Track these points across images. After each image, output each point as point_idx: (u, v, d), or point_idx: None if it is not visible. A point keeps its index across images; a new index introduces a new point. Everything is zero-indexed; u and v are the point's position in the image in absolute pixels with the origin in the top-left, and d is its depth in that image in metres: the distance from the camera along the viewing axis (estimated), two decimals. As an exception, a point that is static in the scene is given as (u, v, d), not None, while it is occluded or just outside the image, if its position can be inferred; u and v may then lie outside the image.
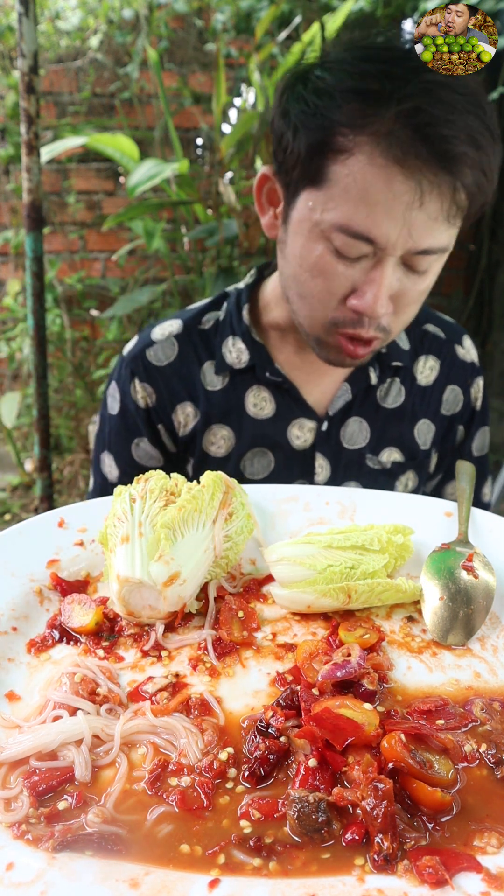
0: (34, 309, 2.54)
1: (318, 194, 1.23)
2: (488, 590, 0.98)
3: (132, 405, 1.55)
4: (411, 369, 1.59)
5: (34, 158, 2.40)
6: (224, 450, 1.54)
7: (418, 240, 1.20)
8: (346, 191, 1.18)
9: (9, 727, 0.82)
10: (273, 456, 1.53)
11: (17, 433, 4.98)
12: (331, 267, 1.26)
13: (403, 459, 1.59)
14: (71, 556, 1.09)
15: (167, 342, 1.55)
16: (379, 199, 1.16)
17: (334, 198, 1.20)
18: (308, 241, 1.28)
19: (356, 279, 1.25)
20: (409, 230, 1.18)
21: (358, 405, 1.54)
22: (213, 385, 1.53)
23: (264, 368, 1.51)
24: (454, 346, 1.64)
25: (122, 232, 4.66)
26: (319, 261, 1.26)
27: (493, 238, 4.58)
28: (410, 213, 1.16)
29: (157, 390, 1.54)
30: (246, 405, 1.53)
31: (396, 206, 1.16)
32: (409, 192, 1.15)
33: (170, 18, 4.33)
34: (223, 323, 1.56)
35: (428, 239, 1.20)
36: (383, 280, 1.23)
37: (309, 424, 1.52)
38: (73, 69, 4.50)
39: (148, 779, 0.75)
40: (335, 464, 1.53)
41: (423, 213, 1.17)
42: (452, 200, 1.18)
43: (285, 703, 0.83)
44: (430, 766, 0.72)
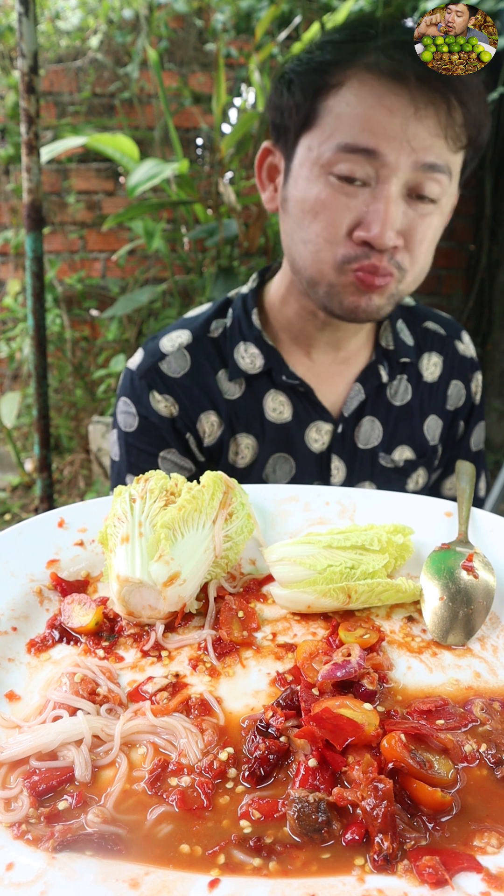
0: (34, 309, 2.54)
1: (315, 132, 1.28)
2: (488, 590, 0.98)
3: (155, 416, 1.49)
4: (417, 366, 1.60)
5: (34, 158, 2.40)
6: (249, 459, 1.52)
7: (421, 153, 1.21)
8: (340, 117, 1.24)
9: (9, 727, 0.82)
10: (294, 461, 1.52)
11: (17, 433, 4.98)
12: (332, 201, 1.26)
13: (415, 457, 1.60)
14: (71, 556, 1.09)
15: (179, 354, 1.51)
16: (374, 114, 1.21)
17: (331, 127, 1.25)
18: (308, 183, 1.30)
19: (360, 211, 1.26)
20: (409, 143, 1.20)
21: (371, 404, 1.55)
22: (231, 394, 1.51)
23: (280, 372, 1.50)
24: (454, 341, 1.66)
25: (122, 232, 4.66)
26: (320, 197, 1.28)
27: (493, 238, 4.58)
28: (408, 126, 1.20)
29: (178, 400, 1.49)
30: (265, 410, 1.51)
31: (393, 119, 1.20)
32: (403, 105, 1.20)
33: (170, 18, 4.33)
34: (231, 329, 1.54)
35: (431, 153, 1.22)
36: (388, 205, 1.23)
37: (326, 427, 1.52)
38: (73, 69, 4.50)
39: (148, 779, 0.75)
40: (350, 465, 1.54)
41: (421, 126, 1.20)
42: (449, 116, 1.21)
43: (285, 703, 0.83)
44: (430, 766, 0.72)
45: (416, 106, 1.20)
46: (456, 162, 1.29)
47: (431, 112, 1.21)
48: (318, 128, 1.28)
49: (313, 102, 1.28)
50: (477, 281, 4.67)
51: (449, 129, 1.23)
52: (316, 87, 1.27)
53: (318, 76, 1.27)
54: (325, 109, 1.26)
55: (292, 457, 1.52)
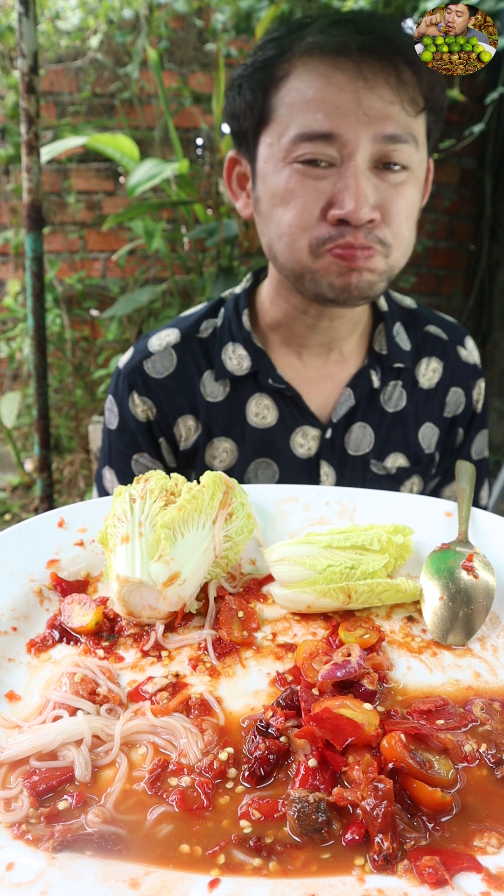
0: (34, 309, 2.54)
1: (272, 128, 1.29)
2: (488, 590, 0.98)
3: (132, 420, 1.52)
4: (413, 371, 1.57)
5: (34, 158, 2.40)
6: (226, 463, 1.51)
7: (379, 124, 1.21)
8: (292, 107, 1.25)
9: (9, 727, 0.82)
10: (277, 467, 1.50)
11: (17, 433, 4.98)
12: (300, 186, 1.26)
13: (409, 465, 1.56)
14: (71, 556, 1.09)
15: (165, 353, 1.52)
16: (325, 95, 1.21)
17: (286, 119, 1.26)
18: (274, 176, 1.30)
19: (330, 191, 1.25)
20: (365, 116, 1.20)
21: (362, 410, 1.52)
22: (213, 396, 1.50)
23: (267, 375, 1.48)
24: (456, 347, 1.62)
25: (122, 232, 4.66)
26: (288, 185, 1.28)
27: (493, 238, 4.58)
28: (361, 99, 1.20)
29: (157, 403, 1.51)
30: (247, 415, 1.50)
31: (344, 96, 1.20)
32: (350, 79, 1.20)
33: (170, 18, 4.33)
34: (221, 329, 1.53)
35: (390, 123, 1.22)
36: (358, 179, 1.22)
37: (313, 432, 1.50)
38: (73, 69, 4.50)
39: (148, 779, 0.75)
40: (340, 471, 1.51)
41: (374, 96, 1.20)
42: (400, 80, 1.21)
43: (285, 703, 0.83)
44: (430, 766, 0.72)
45: (364, 77, 1.20)
46: (418, 127, 1.28)
47: (381, 80, 1.20)
48: (273, 123, 1.29)
49: (264, 99, 1.30)
50: (477, 281, 4.67)
51: (403, 94, 1.22)
52: (264, 85, 1.29)
53: (265, 73, 1.29)
54: (277, 103, 1.28)
55: (275, 462, 1.50)
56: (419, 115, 1.27)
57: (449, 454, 1.65)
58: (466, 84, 4.10)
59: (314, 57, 1.23)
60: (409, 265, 4.69)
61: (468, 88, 4.12)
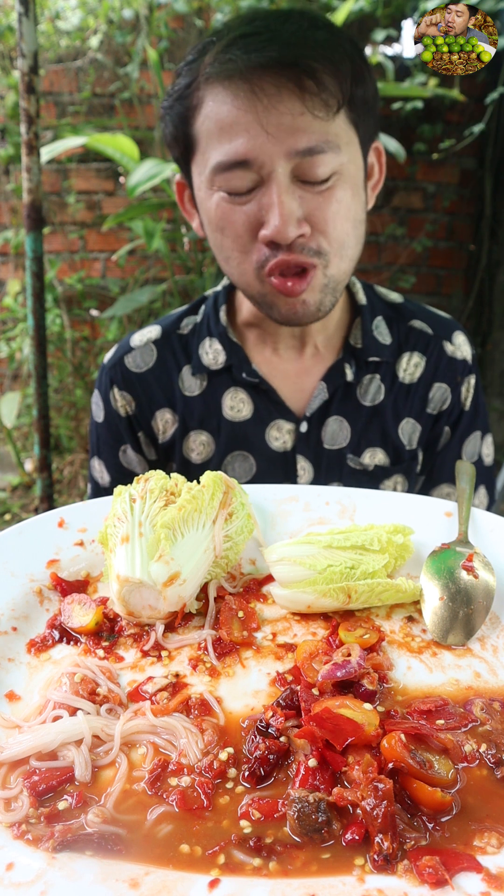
0: (34, 309, 2.54)
1: (197, 157, 1.31)
2: (488, 590, 0.98)
3: (114, 414, 1.56)
4: (393, 365, 1.55)
5: (34, 158, 2.40)
6: (204, 455, 1.53)
7: (290, 140, 1.19)
8: (209, 135, 1.25)
9: (9, 727, 0.82)
10: (254, 459, 1.51)
11: (17, 433, 4.97)
12: (230, 212, 1.27)
13: (389, 462, 1.54)
14: (71, 556, 1.09)
15: (146, 348, 1.56)
16: (232, 121, 1.21)
17: (205, 148, 1.27)
18: (207, 202, 1.31)
19: (256, 213, 1.25)
20: (275, 134, 1.19)
21: (337, 404, 1.51)
22: (190, 391, 1.53)
23: (241, 369, 1.50)
24: (442, 341, 1.58)
25: (122, 232, 4.65)
26: (218, 212, 1.29)
27: (493, 238, 4.58)
28: (267, 119, 1.19)
29: (135, 397, 1.55)
30: (223, 408, 1.52)
31: (248, 118, 1.19)
32: (250, 101, 1.19)
33: (170, 18, 4.32)
34: (200, 325, 1.56)
35: (302, 137, 1.20)
36: (280, 196, 1.21)
37: (287, 426, 1.50)
38: (73, 69, 4.50)
39: (148, 779, 0.75)
40: (317, 465, 1.51)
41: (279, 113, 1.19)
42: (303, 89, 1.19)
43: (285, 703, 0.83)
44: (430, 766, 0.72)
45: (267, 94, 1.18)
46: (338, 129, 1.24)
47: (285, 94, 1.18)
48: (197, 153, 1.30)
49: (185, 130, 1.31)
50: (477, 281, 4.67)
51: (309, 103, 1.19)
52: (183, 116, 1.30)
53: (181, 104, 1.29)
54: (196, 133, 1.29)
55: (252, 455, 1.51)
56: (336, 117, 1.23)
57: (432, 453, 1.60)
58: (466, 84, 4.09)
59: (214, 84, 1.23)
60: (409, 265, 4.69)
61: (468, 88, 4.12)
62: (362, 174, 1.36)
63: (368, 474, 1.53)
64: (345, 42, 1.26)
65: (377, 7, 3.91)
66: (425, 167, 4.48)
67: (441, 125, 4.34)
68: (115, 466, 1.60)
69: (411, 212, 4.62)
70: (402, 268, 4.69)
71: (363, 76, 1.28)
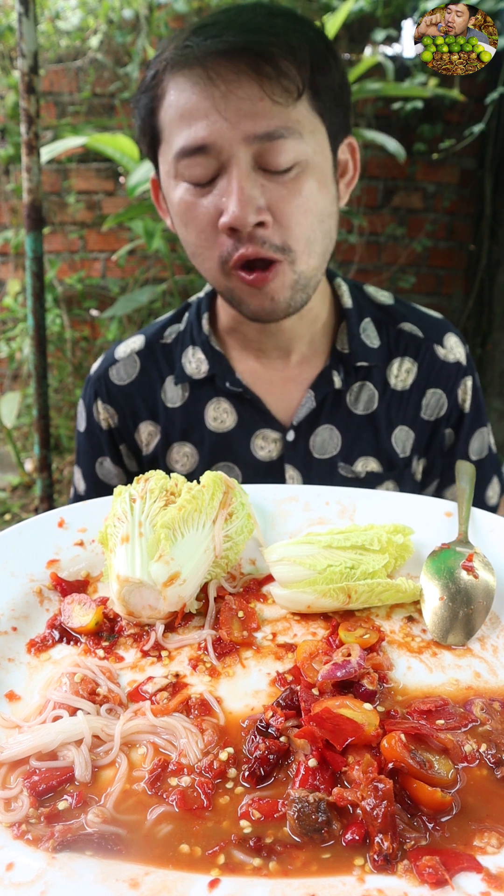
0: (34, 309, 2.54)
1: (162, 147, 1.31)
2: (488, 590, 0.98)
3: (96, 427, 1.56)
4: (384, 371, 1.51)
5: (34, 158, 2.40)
6: (188, 467, 1.52)
7: (247, 124, 1.19)
8: (171, 124, 1.25)
9: (9, 727, 0.82)
10: (240, 470, 1.49)
11: (17, 433, 4.98)
12: (193, 205, 1.27)
13: (382, 470, 1.52)
14: (71, 556, 1.09)
15: (129, 360, 1.55)
16: (191, 108, 1.21)
17: (168, 136, 1.27)
18: (171, 194, 1.31)
19: (218, 203, 1.24)
20: (233, 119, 1.18)
21: (327, 412, 1.48)
22: (173, 402, 1.51)
23: (224, 378, 1.47)
24: (433, 345, 1.53)
25: (122, 232, 4.65)
26: (182, 205, 1.29)
27: (493, 238, 4.58)
28: (225, 104, 1.19)
29: (118, 411, 1.54)
30: (206, 419, 1.50)
31: (206, 104, 1.20)
32: (208, 87, 1.19)
33: (170, 18, 4.32)
34: (183, 334, 1.55)
35: (260, 121, 1.19)
36: (239, 182, 1.20)
37: (273, 435, 1.48)
38: (73, 69, 4.50)
39: (148, 779, 0.75)
40: (306, 474, 1.48)
41: (237, 98, 1.18)
42: (261, 74, 1.18)
43: (285, 703, 0.83)
44: (430, 766, 0.72)
45: (224, 80, 1.18)
46: (299, 116, 1.22)
47: (243, 79, 1.18)
48: (163, 143, 1.31)
49: (151, 121, 1.31)
50: (477, 281, 4.67)
51: (267, 88, 1.18)
52: (150, 106, 1.30)
53: (147, 95, 1.30)
54: (161, 124, 1.29)
55: (237, 465, 1.49)
56: (298, 103, 1.21)
57: (440, 457, 1.59)
58: (466, 84, 4.09)
59: (175, 72, 1.23)
60: (409, 265, 4.69)
61: (468, 88, 4.12)
62: (330, 167, 1.32)
63: (360, 481, 1.51)
64: (306, 29, 1.25)
65: (377, 7, 3.91)
66: (425, 167, 4.48)
67: (441, 125, 4.34)
68: (90, 477, 1.61)
69: (411, 212, 4.62)
70: (402, 268, 4.69)
71: (327, 64, 1.26)
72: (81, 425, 1.60)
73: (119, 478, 1.60)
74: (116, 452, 1.58)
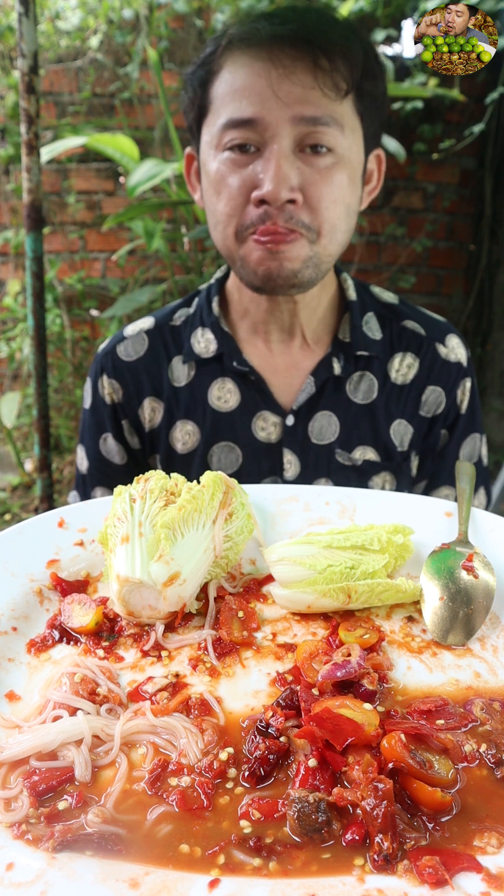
0: (34, 309, 2.54)
1: (209, 119, 1.37)
2: (488, 590, 0.98)
3: (100, 401, 1.59)
4: (385, 364, 1.55)
5: (34, 158, 2.40)
6: (189, 445, 1.55)
7: (297, 107, 1.26)
8: (223, 97, 1.32)
9: (9, 727, 0.82)
10: (240, 451, 1.52)
11: (17, 433, 4.97)
12: (228, 173, 1.32)
13: (379, 459, 1.54)
14: (71, 556, 1.09)
15: (137, 338, 1.59)
16: (245, 85, 1.28)
17: (218, 109, 1.33)
18: (210, 164, 1.36)
19: (253, 177, 1.30)
20: (284, 100, 1.26)
21: (326, 399, 1.52)
22: (178, 381, 1.55)
23: (231, 358, 1.52)
24: (435, 343, 1.57)
25: (122, 232, 4.65)
26: (218, 175, 1.34)
27: (493, 238, 4.58)
28: (279, 85, 1.26)
29: (123, 385, 1.57)
30: (210, 398, 1.53)
31: (261, 83, 1.27)
32: (267, 68, 1.26)
33: (170, 18, 4.32)
34: (193, 316, 1.59)
35: (308, 106, 1.27)
36: (278, 159, 1.26)
37: (273, 418, 1.51)
38: (73, 69, 4.50)
39: (148, 779, 0.75)
40: (304, 459, 1.52)
41: (291, 83, 1.26)
42: (317, 66, 1.26)
43: (285, 703, 0.83)
44: (430, 766, 0.72)
45: (283, 64, 1.26)
46: (344, 111, 1.31)
47: (299, 66, 1.26)
48: (210, 115, 1.36)
49: (203, 94, 1.37)
50: (477, 281, 4.66)
51: (321, 79, 1.27)
52: (203, 80, 1.36)
53: (203, 70, 1.37)
54: (212, 96, 1.35)
55: (237, 445, 1.52)
56: (344, 100, 1.30)
57: (431, 457, 1.60)
58: (466, 84, 4.09)
59: (235, 50, 1.31)
60: (409, 265, 4.69)
61: (468, 88, 4.12)
62: (361, 168, 1.40)
63: (357, 470, 1.53)
64: (361, 39, 1.35)
65: (377, 7, 3.91)
66: (425, 167, 4.48)
67: (441, 125, 4.33)
68: (94, 454, 1.63)
69: (411, 212, 4.61)
70: (402, 268, 4.68)
71: (374, 72, 1.35)
72: (87, 402, 1.63)
73: (121, 455, 1.62)
74: (119, 428, 1.60)
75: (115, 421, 1.60)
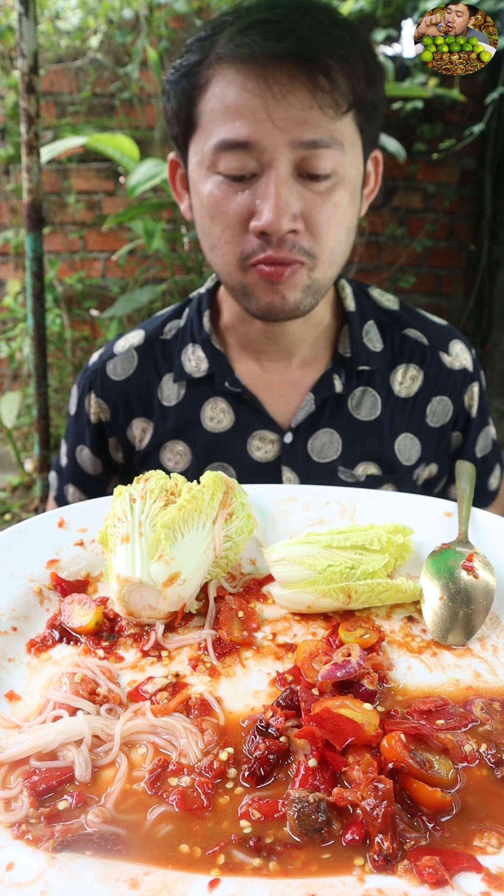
0: (34, 309, 2.54)
1: (198, 136, 1.28)
2: (488, 590, 0.98)
3: (84, 416, 1.57)
4: (387, 377, 1.50)
5: (34, 158, 2.40)
6: (181, 466, 1.50)
7: (295, 130, 1.18)
8: (213, 115, 1.23)
9: (9, 727, 0.82)
10: (235, 470, 1.48)
11: (17, 433, 4.97)
12: (225, 198, 1.25)
13: (381, 473, 1.50)
14: (71, 556, 1.09)
15: (127, 355, 1.54)
16: (240, 104, 1.20)
17: (208, 127, 1.25)
18: (201, 186, 1.29)
19: (252, 203, 1.23)
20: (281, 124, 1.18)
21: (328, 416, 1.47)
22: (168, 400, 1.50)
23: (224, 378, 1.46)
24: (439, 353, 1.52)
25: (122, 232, 4.65)
26: (212, 197, 1.27)
27: (493, 238, 4.58)
28: (275, 107, 1.18)
29: (111, 406, 1.54)
30: (202, 419, 1.48)
31: (257, 103, 1.18)
32: (261, 87, 1.18)
33: (170, 18, 4.32)
34: (184, 330, 1.53)
35: (308, 129, 1.19)
36: (277, 188, 1.20)
37: (270, 437, 1.46)
38: (73, 69, 4.50)
39: (148, 779, 0.75)
40: (304, 477, 1.47)
41: (286, 104, 1.18)
42: (315, 86, 1.18)
43: (285, 703, 0.83)
44: (430, 766, 0.72)
45: (278, 84, 1.18)
46: (344, 129, 1.23)
47: (297, 86, 1.17)
48: (199, 131, 1.28)
49: (188, 108, 1.28)
50: (477, 281, 4.66)
51: (319, 99, 1.19)
52: (188, 93, 1.27)
53: (188, 81, 1.27)
54: (200, 112, 1.26)
55: (232, 466, 1.48)
56: (344, 117, 1.23)
57: (448, 459, 1.59)
58: (466, 84, 4.09)
59: (226, 65, 1.21)
60: (409, 265, 4.69)
61: (468, 88, 4.12)
62: (361, 181, 1.35)
63: (359, 485, 1.49)
64: (361, 43, 1.25)
65: (377, 7, 3.91)
66: (425, 167, 4.48)
67: (441, 125, 4.33)
68: (71, 457, 1.63)
69: (411, 212, 4.62)
70: (402, 268, 4.69)
71: (374, 78, 1.27)
72: (72, 409, 1.61)
73: (94, 467, 1.61)
74: (98, 444, 1.58)
75: (96, 437, 1.57)
